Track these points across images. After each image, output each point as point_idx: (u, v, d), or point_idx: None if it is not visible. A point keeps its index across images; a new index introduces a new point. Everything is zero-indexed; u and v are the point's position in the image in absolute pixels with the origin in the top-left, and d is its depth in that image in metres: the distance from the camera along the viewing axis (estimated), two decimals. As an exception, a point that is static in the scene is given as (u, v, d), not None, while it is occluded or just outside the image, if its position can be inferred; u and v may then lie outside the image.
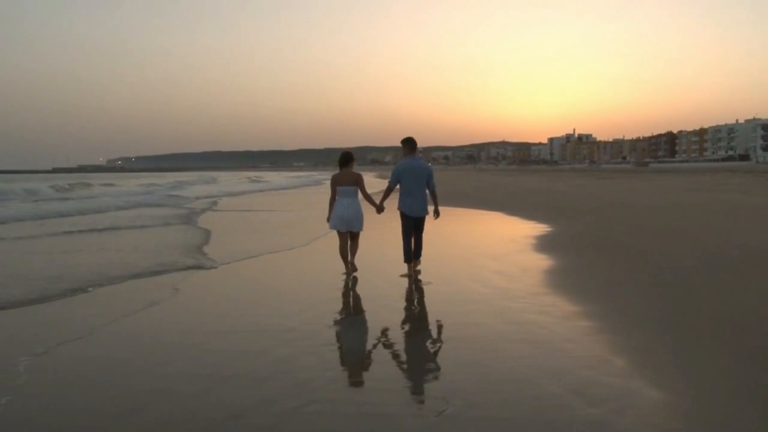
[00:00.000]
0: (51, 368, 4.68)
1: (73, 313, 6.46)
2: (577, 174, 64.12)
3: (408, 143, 8.45)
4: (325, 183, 50.76)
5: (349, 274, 8.16)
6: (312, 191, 39.54)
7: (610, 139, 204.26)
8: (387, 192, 8.50)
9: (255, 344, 5.16)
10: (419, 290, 7.47)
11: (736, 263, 8.23)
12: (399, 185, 8.41)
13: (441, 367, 4.54)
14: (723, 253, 8.97)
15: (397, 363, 4.75)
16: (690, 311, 5.92)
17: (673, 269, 8.04)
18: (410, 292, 7.36)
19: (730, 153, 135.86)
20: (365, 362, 4.80)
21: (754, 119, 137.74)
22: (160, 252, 10.50)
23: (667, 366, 4.41)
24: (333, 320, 6.02)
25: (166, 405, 3.90)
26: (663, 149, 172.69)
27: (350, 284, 7.80)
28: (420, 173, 8.33)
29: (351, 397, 3.97)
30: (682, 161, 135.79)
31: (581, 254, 9.76)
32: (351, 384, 4.26)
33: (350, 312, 6.49)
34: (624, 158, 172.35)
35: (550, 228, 13.59)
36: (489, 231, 14.71)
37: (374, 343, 5.35)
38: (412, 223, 8.41)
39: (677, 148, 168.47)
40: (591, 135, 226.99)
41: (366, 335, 5.66)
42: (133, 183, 55.08)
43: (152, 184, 48.09)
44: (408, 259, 8.35)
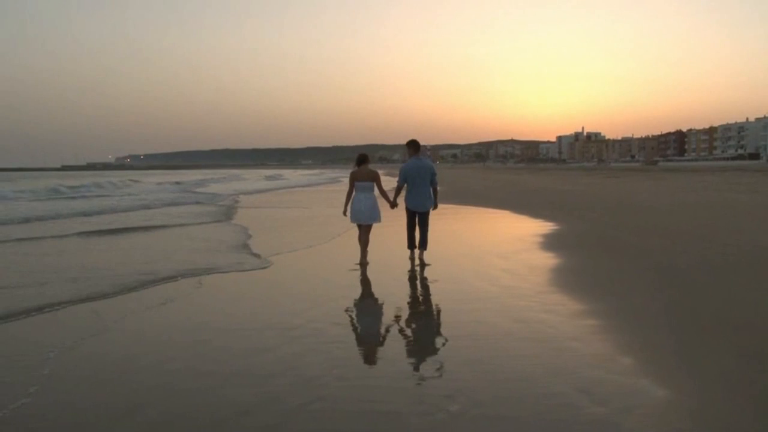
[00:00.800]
0: (73, 364, 4.73)
1: (105, 312, 6.46)
2: (586, 172, 63.85)
3: (412, 145, 9.34)
4: (342, 181, 52.38)
5: (363, 264, 8.87)
6: (331, 189, 39.09)
7: (619, 138, 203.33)
8: (398, 190, 9.51)
9: (261, 341, 5.18)
10: (425, 287, 7.51)
11: (744, 263, 8.19)
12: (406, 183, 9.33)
13: (447, 365, 4.54)
14: (731, 253, 8.92)
15: (403, 361, 4.75)
16: (696, 310, 5.89)
17: (680, 268, 8.00)
18: (417, 290, 7.39)
19: (740, 152, 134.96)
20: (371, 360, 4.81)
21: (765, 118, 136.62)
22: (217, 250, 10.70)
23: (674, 365, 4.39)
24: (340, 318, 6.03)
25: (172, 402, 3.93)
26: (672, 148, 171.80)
27: (361, 275, 8.28)
28: (424, 172, 9.21)
29: (357, 395, 3.97)
30: (692, 160, 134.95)
31: (588, 253, 9.74)
32: (357, 382, 4.25)
33: (357, 310, 6.50)
34: (633, 157, 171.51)
35: (558, 226, 13.55)
36: (497, 229, 14.68)
37: (380, 341, 5.36)
38: (417, 217, 9.33)
39: (686, 147, 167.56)
40: (600, 133, 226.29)
41: (372, 333, 5.67)
42: (155, 180, 56.57)
43: (179, 182, 50.00)
44: (410, 246, 9.38)
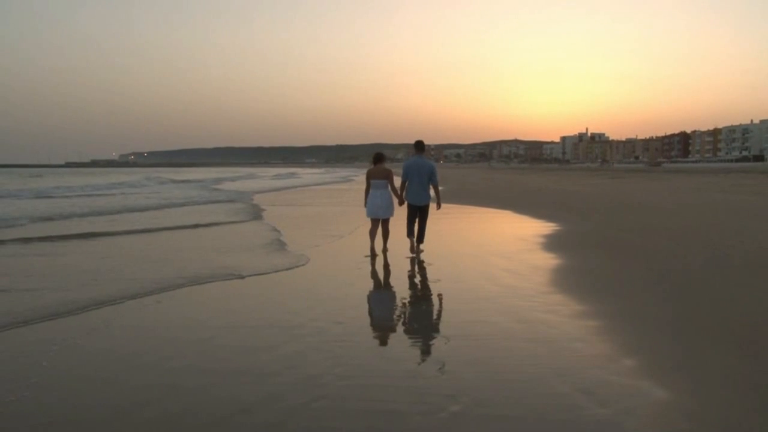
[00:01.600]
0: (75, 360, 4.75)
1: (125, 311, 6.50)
2: (589, 173, 63.75)
3: (417, 145, 10.19)
4: (355, 180, 53.30)
5: (373, 257, 9.43)
6: (347, 188, 38.98)
7: (623, 139, 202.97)
8: (402, 186, 10.11)
9: (263, 340, 5.20)
10: (427, 286, 7.52)
11: (747, 264, 8.16)
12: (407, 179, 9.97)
13: (449, 365, 4.53)
14: (733, 254, 8.90)
15: (406, 360, 4.74)
16: (699, 312, 5.87)
17: (683, 269, 7.98)
18: (419, 289, 7.39)
19: (744, 153, 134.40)
20: (373, 359, 4.80)
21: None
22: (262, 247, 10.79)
23: (676, 366, 4.38)
24: (342, 317, 6.02)
25: (174, 399, 3.94)
26: (676, 149, 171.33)
27: (371, 267, 8.71)
28: (423, 170, 9.85)
29: (359, 394, 3.97)
30: (696, 161, 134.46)
31: (591, 253, 9.72)
32: (359, 380, 4.25)
33: (359, 308, 6.50)
34: (637, 158, 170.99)
35: (560, 227, 13.53)
36: (499, 229, 14.67)
37: (383, 340, 5.36)
38: (416, 210, 9.93)
39: (691, 148, 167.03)
40: (604, 134, 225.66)
41: (374, 332, 5.67)
42: (173, 177, 58.84)
43: (199, 180, 51.88)
44: (409, 235, 9.97)
